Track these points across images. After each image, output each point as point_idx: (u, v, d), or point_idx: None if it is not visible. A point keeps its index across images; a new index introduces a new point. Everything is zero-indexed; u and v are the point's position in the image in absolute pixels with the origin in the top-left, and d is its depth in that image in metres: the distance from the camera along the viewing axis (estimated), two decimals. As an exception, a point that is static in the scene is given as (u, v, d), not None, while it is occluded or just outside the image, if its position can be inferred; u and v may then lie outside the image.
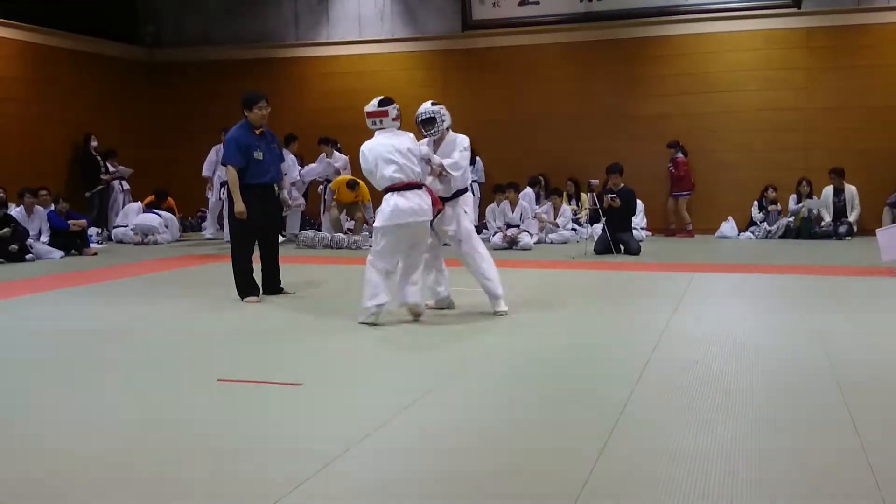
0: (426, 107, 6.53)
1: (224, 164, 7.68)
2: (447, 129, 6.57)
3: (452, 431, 3.75)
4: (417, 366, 5.04)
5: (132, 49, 16.31)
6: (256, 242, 7.57)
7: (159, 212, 13.86)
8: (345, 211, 13.15)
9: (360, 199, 13.01)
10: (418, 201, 6.10)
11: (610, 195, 11.03)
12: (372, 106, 6.35)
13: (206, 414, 4.09)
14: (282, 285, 7.77)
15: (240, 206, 7.28)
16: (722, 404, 4.10)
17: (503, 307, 6.49)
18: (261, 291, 7.54)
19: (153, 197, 14.35)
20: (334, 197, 12.98)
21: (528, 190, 13.52)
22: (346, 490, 3.07)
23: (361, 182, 12.94)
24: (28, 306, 7.54)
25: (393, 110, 6.34)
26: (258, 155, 7.36)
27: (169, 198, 14.55)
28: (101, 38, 15.50)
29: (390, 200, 6.10)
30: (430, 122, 6.47)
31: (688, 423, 3.79)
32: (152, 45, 16.63)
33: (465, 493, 3.02)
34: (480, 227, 13.43)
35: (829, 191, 13.01)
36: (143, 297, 7.90)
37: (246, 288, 7.42)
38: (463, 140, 6.59)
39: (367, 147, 6.33)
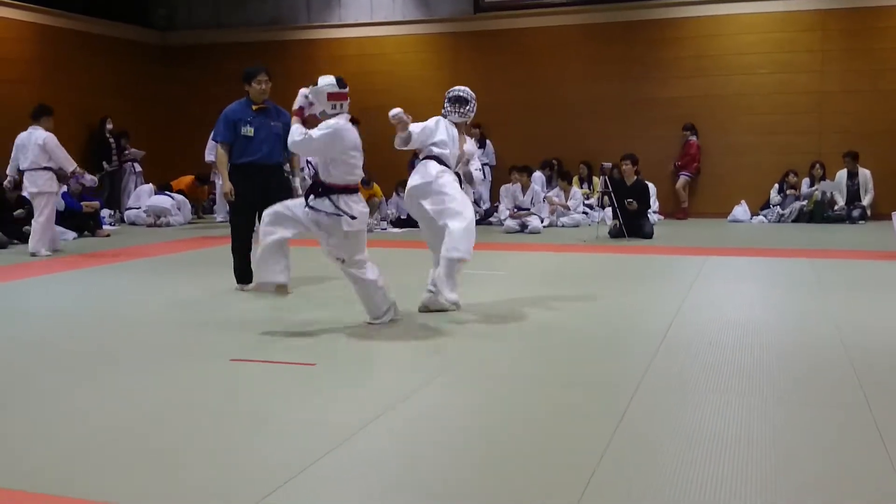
0: (464, 87, 6.26)
1: (213, 140, 7.29)
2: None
3: (464, 411, 3.77)
4: (428, 348, 5.05)
5: (145, 32, 16.31)
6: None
7: (171, 194, 13.91)
8: None
9: (374, 196, 13.03)
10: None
11: (627, 200, 10.92)
12: (331, 86, 5.36)
13: (220, 392, 4.12)
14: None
15: (226, 185, 6.90)
16: (735, 386, 4.10)
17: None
18: (251, 279, 6.90)
19: (193, 178, 14.48)
20: None
21: (538, 174, 13.49)
22: (361, 467, 3.09)
23: (375, 185, 13.01)
24: (42, 287, 7.59)
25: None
26: (247, 131, 6.87)
27: (206, 185, 14.76)
28: (113, 21, 15.51)
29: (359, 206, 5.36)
30: (462, 101, 6.12)
31: (701, 404, 3.79)
32: (165, 28, 16.63)
33: (478, 472, 3.04)
34: (492, 209, 13.45)
35: (842, 174, 12.94)
36: (155, 278, 7.95)
37: (239, 273, 7.10)
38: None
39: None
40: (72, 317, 6.07)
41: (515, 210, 12.23)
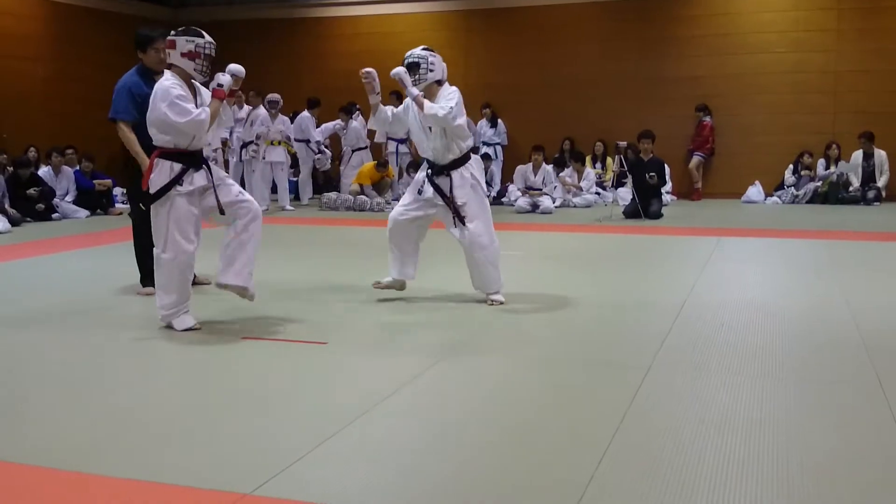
0: (415, 49, 5.61)
1: (112, 120, 5.85)
2: (438, 82, 5.54)
3: (474, 391, 3.78)
4: (441, 327, 5.06)
5: (156, 8, 16.26)
6: None
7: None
8: (362, 189, 12.90)
9: (386, 177, 13.01)
10: None
11: (648, 174, 10.90)
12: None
13: (231, 371, 4.14)
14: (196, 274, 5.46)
15: (145, 160, 5.31)
16: (748, 366, 4.09)
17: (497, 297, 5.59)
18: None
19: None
20: (354, 180, 12.87)
21: (546, 166, 13.28)
22: (369, 448, 3.10)
23: (389, 167, 13.00)
24: (55, 264, 7.63)
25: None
26: None
27: None
28: (124, -2, 15.49)
29: None
30: (413, 67, 5.51)
31: (714, 386, 3.78)
32: (177, 4, 16.58)
33: (488, 451, 3.05)
34: (503, 189, 13.42)
35: (858, 155, 12.82)
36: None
37: (144, 273, 5.90)
38: (453, 91, 5.49)
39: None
40: (82, 293, 6.10)
41: (527, 189, 12.18)
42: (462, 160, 5.54)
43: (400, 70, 5.48)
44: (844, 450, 3.02)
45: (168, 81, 4.74)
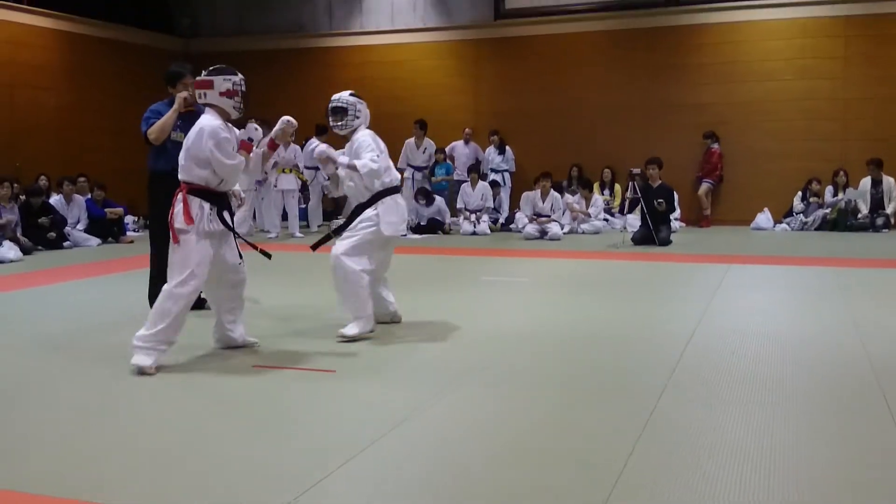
0: (342, 94, 5.60)
1: (145, 135, 6.15)
2: (360, 126, 5.59)
3: (486, 417, 3.77)
4: (450, 353, 5.06)
5: (168, 39, 16.47)
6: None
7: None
8: None
9: None
10: None
11: (657, 200, 10.95)
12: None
13: (242, 398, 4.14)
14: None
15: (180, 98, 5.90)
16: (758, 395, 4.08)
17: (348, 332, 5.34)
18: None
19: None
20: None
21: (554, 193, 13.32)
22: (379, 475, 3.10)
23: None
24: (66, 293, 7.67)
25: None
26: (177, 136, 6.00)
27: None
28: (138, 28, 15.68)
29: None
30: (340, 111, 5.53)
31: (724, 415, 3.77)
32: (188, 35, 16.79)
33: (500, 478, 3.04)
34: (511, 216, 13.46)
35: (866, 182, 12.81)
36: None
37: (153, 295, 5.80)
38: (363, 136, 5.52)
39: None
40: (94, 320, 6.13)
41: (535, 217, 12.21)
42: (373, 199, 5.47)
43: (322, 150, 5.53)
44: (856, 477, 3.00)
45: (217, 121, 4.76)
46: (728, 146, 13.79)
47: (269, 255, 5.19)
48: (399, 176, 5.77)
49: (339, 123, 5.52)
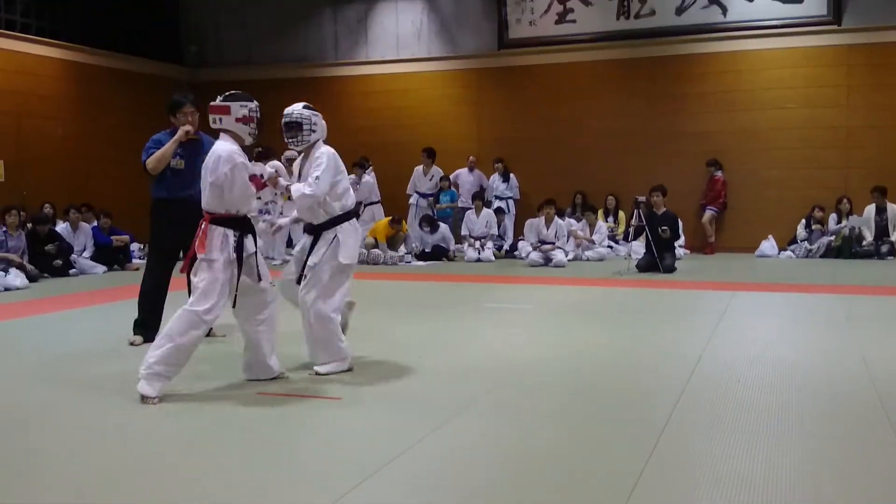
0: (295, 107, 5.27)
1: (143, 165, 6.29)
2: (318, 141, 5.29)
3: (489, 448, 3.76)
4: (453, 383, 5.05)
5: (176, 68, 16.63)
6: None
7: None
8: (377, 243, 13.02)
9: (400, 231, 13.13)
10: None
11: (661, 228, 10.99)
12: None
13: (246, 425, 4.14)
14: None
15: (183, 130, 6.11)
16: (764, 424, 4.07)
17: (322, 370, 5.18)
18: (157, 332, 5.65)
19: None
20: (369, 233, 13.02)
21: (558, 220, 13.34)
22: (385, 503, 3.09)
23: (404, 222, 13.16)
24: (72, 320, 7.69)
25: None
26: (177, 164, 6.20)
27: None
28: (144, 58, 15.84)
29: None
30: (294, 126, 5.20)
31: (730, 443, 3.76)
32: (196, 65, 16.95)
33: (506, 508, 3.03)
34: (516, 243, 13.48)
35: (871, 209, 12.83)
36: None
37: (138, 320, 6.26)
38: (322, 154, 5.19)
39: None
40: (99, 348, 6.14)
41: (539, 244, 12.23)
42: (332, 223, 5.21)
43: (272, 172, 5.18)
44: (864, 508, 2.99)
45: (233, 146, 4.78)
46: (731, 174, 13.83)
47: None
48: (354, 199, 5.46)
49: (294, 139, 5.20)
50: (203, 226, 4.76)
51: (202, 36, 17.04)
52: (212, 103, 4.99)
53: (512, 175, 14.47)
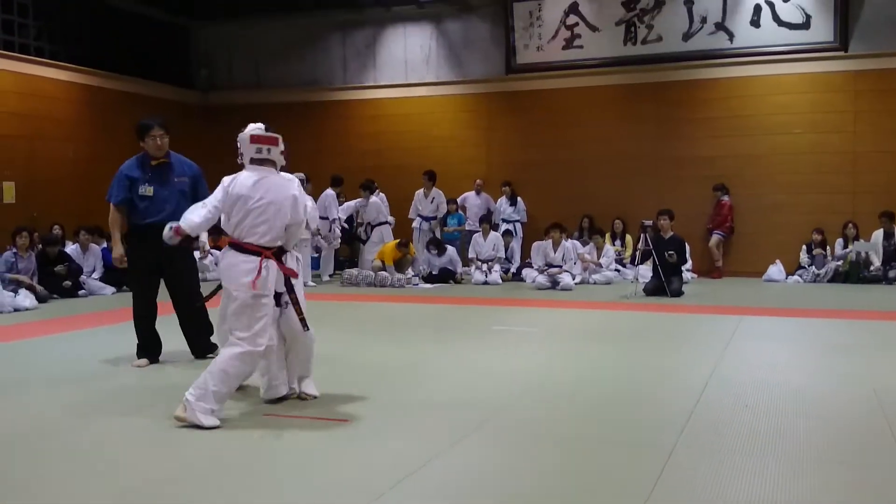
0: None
1: (109, 201, 6.50)
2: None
3: (496, 470, 3.76)
4: (460, 406, 5.04)
5: (185, 92, 16.77)
6: (172, 296, 6.60)
7: (211, 250, 14.10)
8: (384, 265, 13.06)
9: (408, 254, 13.18)
10: None
11: (668, 252, 11.01)
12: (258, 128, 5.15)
13: (253, 448, 4.15)
14: (213, 341, 6.30)
15: (117, 251, 6.28)
16: (772, 449, 4.06)
17: (313, 391, 5.19)
18: (160, 353, 6.45)
19: None
20: (376, 256, 13.05)
21: (565, 243, 13.35)
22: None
23: (411, 244, 13.20)
24: (80, 340, 7.71)
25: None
26: (146, 191, 6.23)
27: None
28: (155, 82, 15.98)
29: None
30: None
31: (737, 468, 3.75)
32: (206, 88, 17.09)
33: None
34: (523, 266, 13.49)
35: (879, 234, 12.81)
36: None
37: (140, 345, 6.41)
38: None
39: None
40: (106, 369, 6.16)
41: (546, 267, 12.24)
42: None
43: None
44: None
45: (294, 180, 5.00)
46: (738, 198, 13.84)
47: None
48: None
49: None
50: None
51: (212, 60, 17.20)
52: (265, 132, 5.02)
53: (519, 198, 14.51)
